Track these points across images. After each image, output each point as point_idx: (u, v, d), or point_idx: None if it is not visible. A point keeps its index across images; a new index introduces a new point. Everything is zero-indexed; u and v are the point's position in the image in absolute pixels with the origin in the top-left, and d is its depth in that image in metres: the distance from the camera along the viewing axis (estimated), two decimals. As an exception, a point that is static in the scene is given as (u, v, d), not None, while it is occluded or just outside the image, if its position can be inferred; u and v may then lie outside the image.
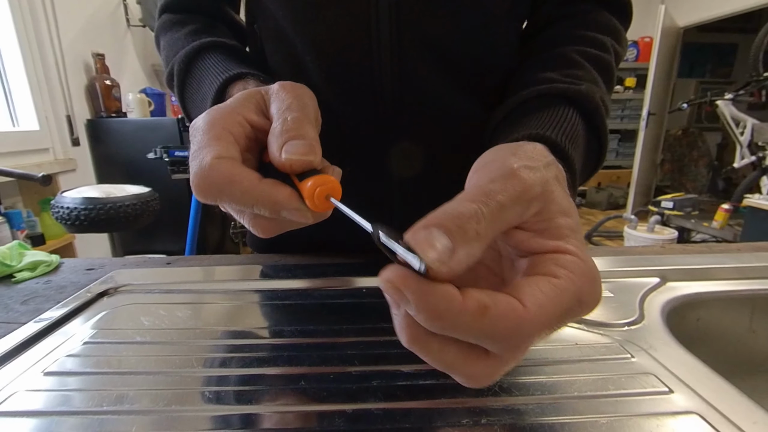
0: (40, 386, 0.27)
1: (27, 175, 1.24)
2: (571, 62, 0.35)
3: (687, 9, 3.65)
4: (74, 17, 1.96)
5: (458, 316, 0.15)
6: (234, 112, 0.23)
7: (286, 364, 0.29)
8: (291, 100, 0.24)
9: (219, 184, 0.21)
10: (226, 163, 0.21)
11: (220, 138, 0.22)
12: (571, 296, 0.17)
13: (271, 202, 0.21)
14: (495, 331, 0.15)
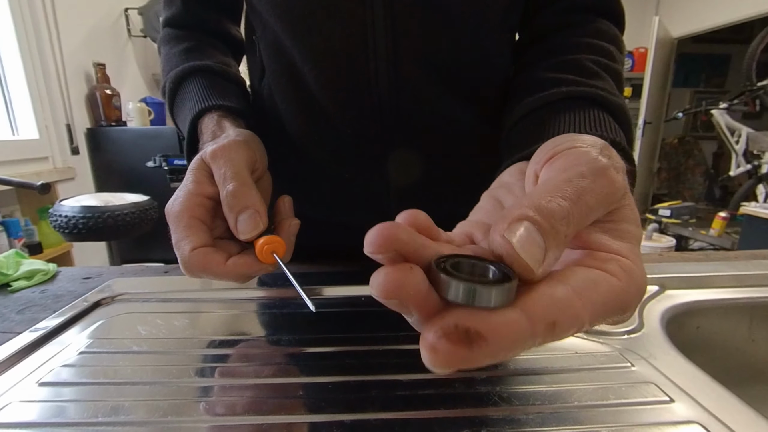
0: (34, 397, 0.27)
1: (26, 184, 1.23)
2: (589, 71, 0.34)
3: (681, 20, 3.71)
4: (76, 27, 1.98)
5: (530, 344, 0.13)
6: (193, 195, 0.30)
7: (284, 374, 0.29)
8: (224, 168, 0.30)
9: (198, 272, 0.28)
10: (199, 255, 0.28)
11: (190, 227, 0.29)
12: (620, 300, 0.16)
13: (238, 275, 0.29)
14: (559, 338, 0.14)
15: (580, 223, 0.15)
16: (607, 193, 0.16)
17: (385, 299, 0.13)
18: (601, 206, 0.16)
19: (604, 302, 0.15)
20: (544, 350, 0.31)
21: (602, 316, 0.15)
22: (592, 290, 0.15)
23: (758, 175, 2.66)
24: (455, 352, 0.12)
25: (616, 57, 0.37)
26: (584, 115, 0.29)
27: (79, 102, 2.03)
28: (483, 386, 0.27)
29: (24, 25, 1.71)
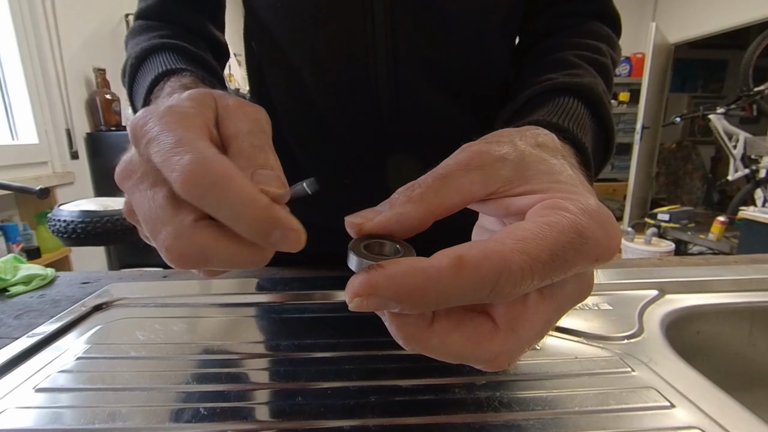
0: (30, 403, 0.26)
1: (24, 189, 1.23)
2: (569, 63, 0.34)
3: (677, 26, 3.74)
4: (76, 33, 1.99)
5: (438, 280, 0.13)
6: (198, 114, 0.19)
7: (283, 379, 0.29)
8: (252, 124, 0.20)
9: (215, 178, 0.15)
10: (223, 158, 0.16)
11: (202, 129, 0.18)
12: (564, 228, 0.15)
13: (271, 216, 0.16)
14: (482, 278, 0.13)
15: (436, 186, 0.17)
16: (467, 158, 0.18)
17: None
18: (462, 170, 0.18)
19: (536, 235, 0.14)
20: (544, 355, 0.31)
21: (546, 249, 0.14)
22: (514, 229, 0.15)
23: (756, 179, 2.67)
24: (356, 280, 0.14)
25: (605, 52, 0.37)
26: (533, 110, 0.29)
27: (78, 107, 2.04)
28: (483, 391, 0.27)
29: (24, 30, 1.72)
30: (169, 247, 0.16)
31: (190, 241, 0.16)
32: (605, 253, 0.15)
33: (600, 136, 0.31)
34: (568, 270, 0.15)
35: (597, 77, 0.34)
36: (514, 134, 0.20)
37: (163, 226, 0.16)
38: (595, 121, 0.31)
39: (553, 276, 0.15)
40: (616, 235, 0.16)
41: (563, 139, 0.23)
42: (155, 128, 0.17)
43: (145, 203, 0.17)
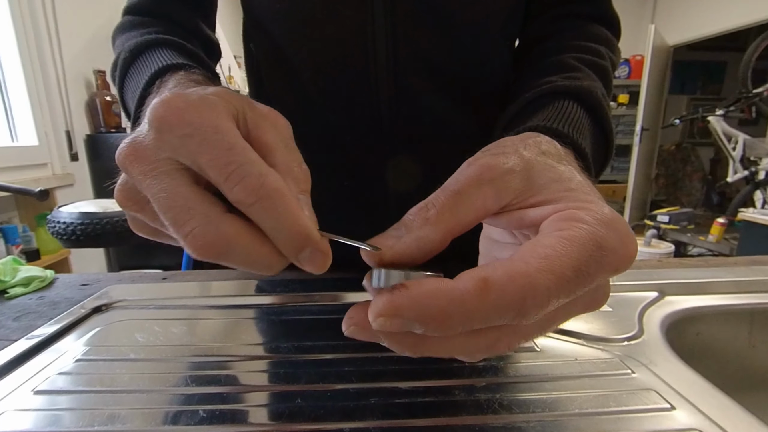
0: (29, 405, 0.26)
1: (24, 190, 1.23)
2: (568, 66, 0.34)
3: (676, 28, 3.75)
4: (77, 35, 1.99)
5: (462, 303, 0.13)
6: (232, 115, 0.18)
7: (282, 382, 0.28)
8: (287, 138, 0.20)
9: (270, 191, 0.16)
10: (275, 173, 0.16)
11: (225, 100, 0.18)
12: (585, 242, 0.15)
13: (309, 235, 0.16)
14: (508, 302, 0.13)
15: (450, 204, 0.17)
16: (475, 174, 0.18)
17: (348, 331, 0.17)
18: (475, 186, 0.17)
19: (560, 252, 0.14)
20: (544, 357, 0.31)
21: (570, 266, 0.14)
22: (534, 248, 0.15)
23: (755, 181, 2.67)
24: (378, 299, 0.14)
25: (604, 55, 0.37)
26: (535, 113, 0.29)
27: (78, 109, 2.04)
28: (483, 394, 0.27)
29: (25, 33, 1.72)
30: (197, 234, 0.16)
31: (218, 230, 0.16)
32: (624, 262, 0.16)
33: (599, 140, 0.31)
34: (590, 284, 0.15)
35: (596, 81, 0.34)
36: (518, 143, 0.20)
37: (190, 214, 0.16)
38: (595, 124, 0.31)
39: (577, 291, 0.15)
40: (633, 243, 0.16)
41: (563, 144, 0.23)
42: (197, 120, 0.16)
43: (168, 190, 0.16)
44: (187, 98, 0.17)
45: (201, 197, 0.16)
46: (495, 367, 0.30)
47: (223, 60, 2.98)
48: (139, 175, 0.17)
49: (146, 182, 0.16)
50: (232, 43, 3.26)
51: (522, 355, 0.31)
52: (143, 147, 0.17)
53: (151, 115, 0.16)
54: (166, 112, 0.16)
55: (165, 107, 0.16)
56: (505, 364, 0.30)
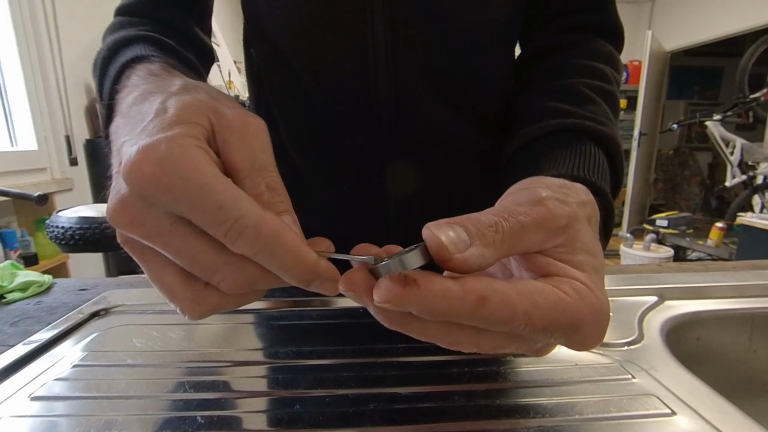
0: (25, 412, 0.26)
1: (23, 195, 1.23)
2: (583, 97, 0.35)
3: (673, 34, 3.79)
4: (77, 40, 2.00)
5: (460, 309, 0.16)
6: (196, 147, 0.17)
7: (281, 387, 0.28)
8: (256, 150, 0.19)
9: (268, 240, 0.17)
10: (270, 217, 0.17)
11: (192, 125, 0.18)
12: (566, 314, 0.17)
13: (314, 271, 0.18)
14: (490, 320, 0.16)
15: (516, 238, 0.18)
16: (544, 218, 0.19)
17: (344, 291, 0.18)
18: (539, 229, 0.19)
19: (546, 308, 0.17)
20: (544, 362, 0.31)
21: (543, 321, 0.17)
22: (534, 293, 0.17)
23: (754, 185, 2.68)
24: (392, 288, 0.16)
25: (611, 78, 0.38)
26: (570, 151, 0.31)
27: (78, 113, 2.04)
28: (483, 399, 0.27)
29: (26, 38, 1.73)
30: (226, 281, 0.18)
31: (244, 275, 0.18)
32: (580, 346, 0.19)
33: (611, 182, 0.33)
34: (548, 340, 0.18)
35: (610, 114, 0.35)
36: (576, 200, 0.21)
37: (216, 267, 0.18)
38: (611, 168, 0.33)
39: (535, 338, 0.18)
40: (600, 336, 0.19)
41: (597, 199, 0.24)
42: (177, 184, 0.16)
43: (188, 253, 0.17)
44: (158, 154, 0.16)
45: (220, 249, 0.17)
46: (495, 373, 0.30)
47: (223, 65, 2.99)
48: (142, 237, 0.17)
49: (152, 242, 0.17)
50: (232, 49, 3.28)
51: (522, 360, 0.31)
52: (133, 208, 0.17)
53: (130, 180, 0.16)
54: (143, 180, 0.16)
55: (140, 175, 0.16)
56: (504, 369, 0.30)
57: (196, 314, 0.19)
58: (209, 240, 0.17)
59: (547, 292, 0.17)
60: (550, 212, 0.19)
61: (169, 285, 0.19)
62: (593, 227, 0.21)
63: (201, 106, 0.19)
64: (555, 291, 0.18)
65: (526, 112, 0.38)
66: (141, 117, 0.19)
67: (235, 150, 0.19)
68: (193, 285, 0.19)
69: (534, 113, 0.36)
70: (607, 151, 0.32)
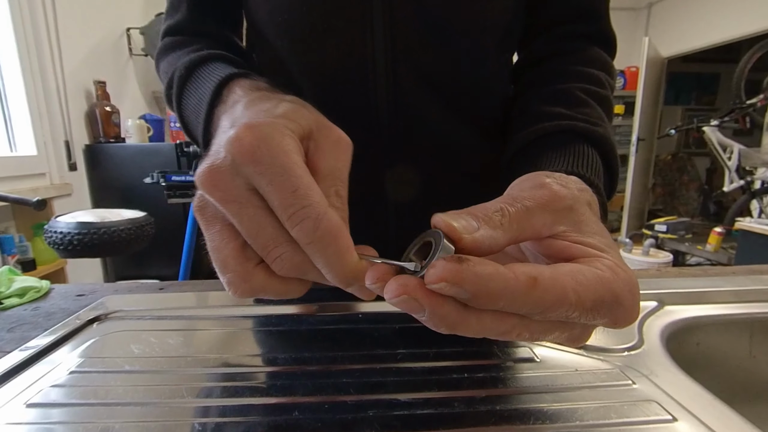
0: (21, 419, 0.26)
1: (21, 200, 1.23)
2: (577, 100, 0.36)
3: (670, 41, 3.82)
4: (78, 46, 2.01)
5: (513, 290, 0.16)
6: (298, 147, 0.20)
7: (280, 394, 0.28)
8: (342, 166, 0.22)
9: (323, 234, 0.18)
10: (333, 216, 0.18)
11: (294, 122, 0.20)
12: (610, 289, 0.18)
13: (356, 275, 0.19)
14: (543, 301, 0.16)
15: (523, 220, 0.19)
16: (548, 199, 0.20)
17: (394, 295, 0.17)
18: (545, 210, 0.19)
19: (592, 285, 0.17)
20: (544, 368, 0.31)
21: (591, 298, 0.17)
22: (577, 272, 0.18)
23: (751, 190, 2.69)
24: (449, 266, 0.16)
25: (605, 83, 0.39)
26: (564, 151, 0.32)
27: (78, 119, 2.05)
28: (483, 405, 0.27)
29: (26, 44, 1.74)
30: (282, 259, 0.19)
31: (300, 258, 0.19)
32: (623, 319, 0.19)
33: (605, 183, 0.34)
34: (594, 319, 0.18)
35: (604, 116, 0.36)
36: (575, 186, 0.22)
37: (277, 242, 0.19)
38: (605, 168, 0.34)
39: (582, 318, 0.18)
40: (637, 311, 0.20)
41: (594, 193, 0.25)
42: (267, 159, 0.18)
43: (256, 223, 0.19)
44: (258, 132, 0.18)
45: (284, 231, 0.18)
46: (495, 378, 0.30)
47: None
48: (219, 201, 0.19)
49: (227, 207, 0.19)
50: (232, 55, 3.29)
51: (522, 365, 0.31)
52: (221, 173, 0.18)
53: (228, 148, 0.18)
54: (240, 148, 0.18)
55: (238, 143, 0.18)
56: (504, 375, 0.30)
57: (240, 290, 0.20)
58: (276, 218, 0.18)
59: (586, 271, 0.18)
60: (554, 194, 0.20)
61: (224, 256, 0.20)
62: (595, 213, 0.22)
63: (308, 114, 0.22)
64: (592, 269, 0.18)
65: (522, 116, 0.38)
66: (253, 109, 0.23)
67: (322, 155, 0.21)
68: (245, 261, 0.20)
69: (530, 117, 0.37)
70: (600, 150, 0.33)
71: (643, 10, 4.13)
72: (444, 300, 0.17)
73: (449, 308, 0.17)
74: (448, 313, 0.17)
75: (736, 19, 3.22)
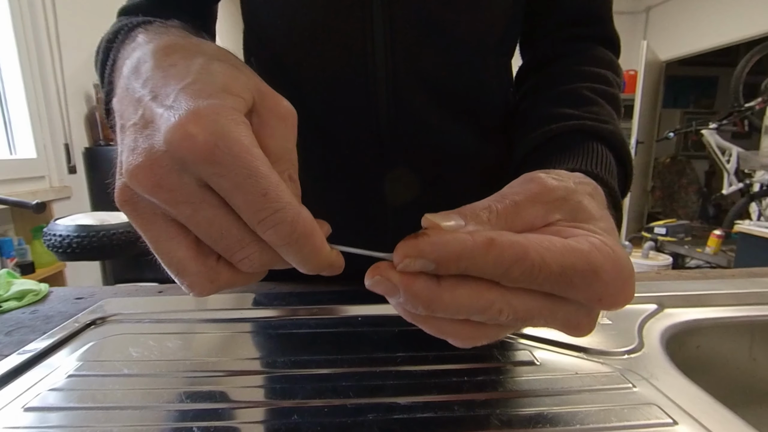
0: (18, 423, 0.26)
1: (21, 203, 1.23)
2: (585, 99, 0.36)
3: (668, 44, 3.84)
4: (78, 49, 2.01)
5: (471, 251, 0.16)
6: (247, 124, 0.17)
7: (279, 397, 0.28)
8: (290, 143, 0.20)
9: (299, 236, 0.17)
10: (305, 213, 0.17)
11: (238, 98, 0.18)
12: (582, 257, 0.17)
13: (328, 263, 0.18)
14: (502, 260, 0.16)
15: (512, 214, 0.19)
16: (538, 191, 0.20)
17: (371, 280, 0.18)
18: (531, 202, 0.19)
19: (559, 250, 0.17)
20: (544, 371, 0.31)
21: (558, 262, 0.17)
22: (545, 240, 0.17)
23: (750, 193, 2.70)
24: (406, 243, 0.17)
25: (612, 81, 0.39)
26: (573, 151, 0.32)
27: (78, 122, 2.05)
28: (482, 409, 0.27)
29: (27, 47, 1.74)
30: (251, 259, 0.18)
31: (269, 257, 0.18)
32: (610, 296, 0.18)
33: (620, 176, 0.34)
34: (571, 290, 0.17)
35: (613, 114, 0.36)
36: (572, 179, 0.22)
37: (245, 243, 0.17)
38: (618, 164, 0.33)
39: (556, 288, 0.17)
40: (628, 288, 0.18)
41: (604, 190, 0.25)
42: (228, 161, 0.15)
43: (217, 226, 0.17)
44: (212, 125, 0.15)
45: (246, 230, 0.17)
46: (495, 382, 0.29)
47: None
48: (166, 202, 0.16)
49: (177, 209, 0.17)
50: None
51: (522, 369, 0.31)
52: (164, 169, 0.16)
53: (171, 143, 0.15)
54: (192, 147, 0.15)
55: (190, 141, 0.15)
56: (504, 378, 0.30)
57: (206, 291, 0.19)
58: (238, 217, 0.17)
59: (556, 240, 0.17)
60: (544, 186, 0.20)
61: (178, 258, 0.18)
62: (597, 202, 0.22)
63: (246, 81, 0.19)
64: (565, 240, 0.18)
65: (529, 119, 0.38)
66: (178, 73, 0.18)
67: (271, 134, 0.18)
68: (206, 260, 0.18)
69: (537, 120, 0.37)
70: (611, 146, 0.33)
71: (642, 14, 4.15)
72: (415, 277, 0.17)
73: (421, 284, 0.17)
74: (420, 290, 0.17)
75: (733, 23, 3.24)
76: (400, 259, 0.17)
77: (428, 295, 0.17)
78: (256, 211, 0.16)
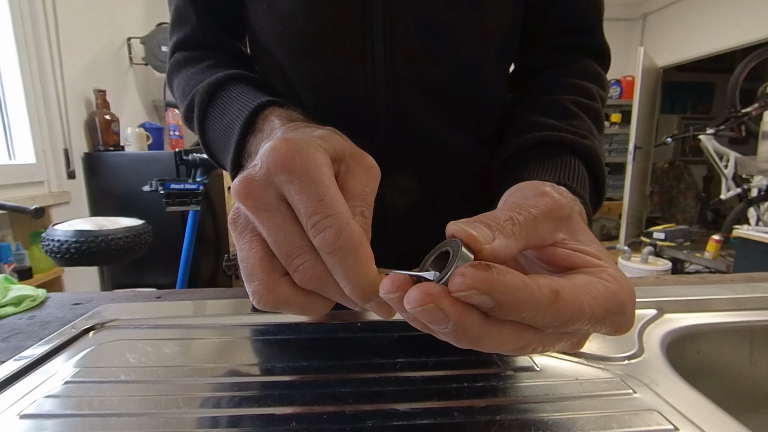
0: (14, 430, 0.25)
1: (20, 208, 1.23)
2: (568, 112, 0.37)
3: (665, 51, 3.87)
4: (78, 55, 2.02)
5: (537, 302, 0.16)
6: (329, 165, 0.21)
7: (277, 403, 0.28)
8: (370, 191, 0.23)
9: (347, 248, 0.18)
10: (358, 229, 0.19)
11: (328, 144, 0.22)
12: (617, 301, 0.18)
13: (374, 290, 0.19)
14: (562, 314, 0.17)
15: (530, 228, 0.19)
16: (551, 207, 0.20)
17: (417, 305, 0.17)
18: (546, 217, 0.20)
19: (603, 298, 0.18)
20: (544, 377, 0.31)
21: (602, 310, 0.18)
22: (590, 286, 0.18)
23: (748, 198, 2.70)
24: (477, 273, 0.16)
25: (596, 95, 0.40)
26: (551, 162, 0.33)
27: (77, 127, 2.05)
28: (483, 415, 0.26)
29: (27, 52, 1.75)
30: (304, 268, 0.19)
31: (321, 269, 0.19)
32: (623, 328, 0.20)
33: (593, 194, 0.35)
34: (600, 328, 0.19)
35: (593, 128, 0.37)
36: (566, 193, 0.23)
37: (301, 250, 0.19)
38: (591, 179, 0.34)
39: (591, 329, 0.19)
40: (633, 319, 0.20)
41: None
42: (299, 169, 0.19)
43: (283, 232, 0.20)
44: (295, 145, 0.20)
45: (308, 240, 0.19)
46: (495, 388, 0.29)
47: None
48: (250, 209, 0.20)
49: (257, 215, 0.20)
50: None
51: (522, 374, 0.31)
52: (255, 182, 0.20)
53: (264, 158, 0.20)
54: (276, 157, 0.19)
55: (275, 153, 0.19)
56: (504, 385, 0.30)
57: (264, 300, 0.20)
58: (302, 228, 0.19)
59: (597, 284, 0.18)
60: (556, 202, 0.21)
61: (251, 265, 0.20)
62: (585, 222, 0.23)
63: (342, 141, 0.23)
64: (602, 282, 0.19)
65: (514, 125, 0.39)
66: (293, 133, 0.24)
67: (352, 178, 0.22)
68: (272, 271, 0.20)
69: (521, 127, 0.38)
70: (587, 163, 0.34)
71: (638, 21, 4.19)
72: (469, 310, 0.16)
73: (474, 319, 0.16)
74: (472, 325, 0.16)
75: (729, 29, 3.27)
76: (465, 288, 0.16)
77: (478, 331, 0.17)
78: (311, 214, 0.18)
